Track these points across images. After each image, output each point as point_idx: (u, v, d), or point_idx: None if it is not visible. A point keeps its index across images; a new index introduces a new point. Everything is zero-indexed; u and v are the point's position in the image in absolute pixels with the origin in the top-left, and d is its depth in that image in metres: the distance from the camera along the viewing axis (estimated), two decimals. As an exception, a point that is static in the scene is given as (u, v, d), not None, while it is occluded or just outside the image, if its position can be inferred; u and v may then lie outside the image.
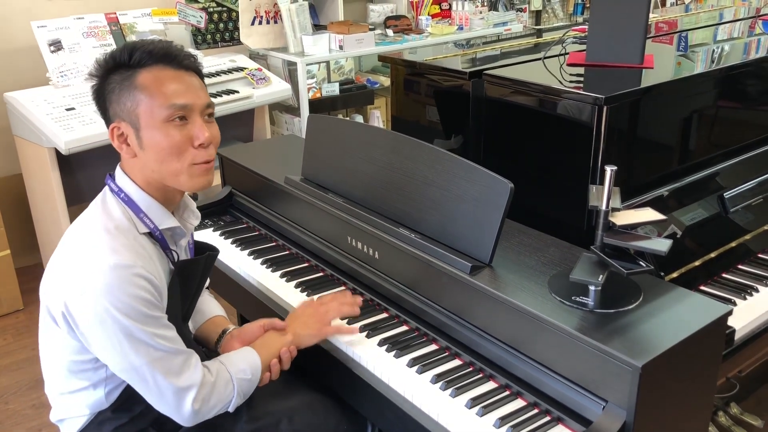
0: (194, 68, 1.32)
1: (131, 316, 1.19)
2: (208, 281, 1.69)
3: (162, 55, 1.27)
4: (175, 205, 1.39)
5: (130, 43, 1.29)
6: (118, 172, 1.33)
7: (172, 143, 1.26)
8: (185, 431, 1.40)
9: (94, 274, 1.19)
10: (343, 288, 1.67)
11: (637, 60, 1.80)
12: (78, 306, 1.21)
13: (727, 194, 1.83)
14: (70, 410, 1.36)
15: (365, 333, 1.49)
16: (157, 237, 1.32)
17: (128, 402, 1.35)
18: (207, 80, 3.34)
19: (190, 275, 1.40)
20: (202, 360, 1.35)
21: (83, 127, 2.87)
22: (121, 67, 1.26)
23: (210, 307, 1.64)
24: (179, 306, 1.37)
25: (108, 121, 1.30)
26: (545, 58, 1.99)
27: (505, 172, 1.36)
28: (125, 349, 1.21)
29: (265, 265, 1.83)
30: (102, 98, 1.29)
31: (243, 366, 1.36)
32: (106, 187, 1.33)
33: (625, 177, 1.69)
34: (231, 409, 1.36)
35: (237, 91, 3.39)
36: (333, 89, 4.03)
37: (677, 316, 1.21)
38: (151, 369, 1.23)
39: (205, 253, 1.46)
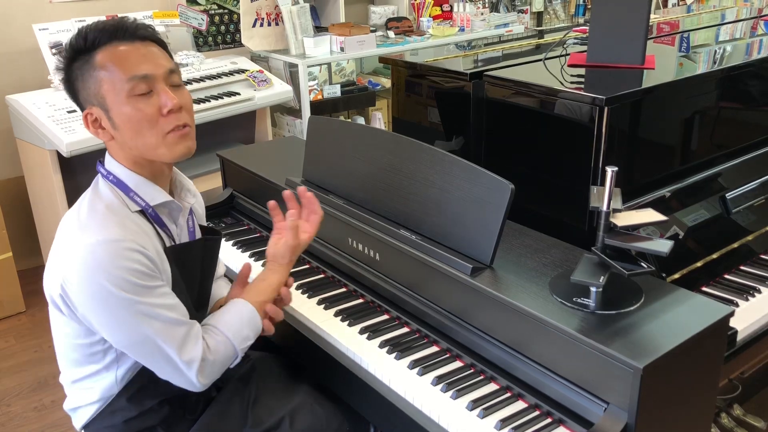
0: (151, 37, 1.30)
1: (126, 288, 1.20)
2: (223, 268, 1.68)
3: (114, 30, 1.26)
4: (165, 180, 1.38)
5: (83, 27, 1.28)
6: (106, 156, 1.35)
7: (142, 116, 1.26)
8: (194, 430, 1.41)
9: (84, 253, 1.20)
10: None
11: (638, 61, 1.79)
12: (73, 286, 1.22)
13: (729, 195, 1.82)
14: (82, 398, 1.37)
15: (366, 335, 1.48)
16: (150, 214, 1.33)
17: (139, 395, 1.36)
18: (208, 82, 3.35)
19: (186, 260, 1.39)
20: None
21: (85, 130, 2.82)
22: (80, 54, 1.26)
23: (221, 293, 1.61)
24: (186, 293, 1.37)
25: (81, 109, 1.32)
26: (546, 59, 1.98)
27: (506, 173, 1.36)
28: (126, 322, 1.22)
29: (266, 267, 1.82)
30: (71, 88, 1.30)
31: (238, 326, 1.36)
32: (99, 174, 1.35)
33: (626, 178, 1.69)
34: (237, 361, 1.38)
35: (238, 93, 3.39)
36: (334, 91, 4.03)
37: (679, 317, 1.21)
38: (154, 341, 1.24)
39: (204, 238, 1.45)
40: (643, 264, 1.23)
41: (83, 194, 1.34)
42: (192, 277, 1.41)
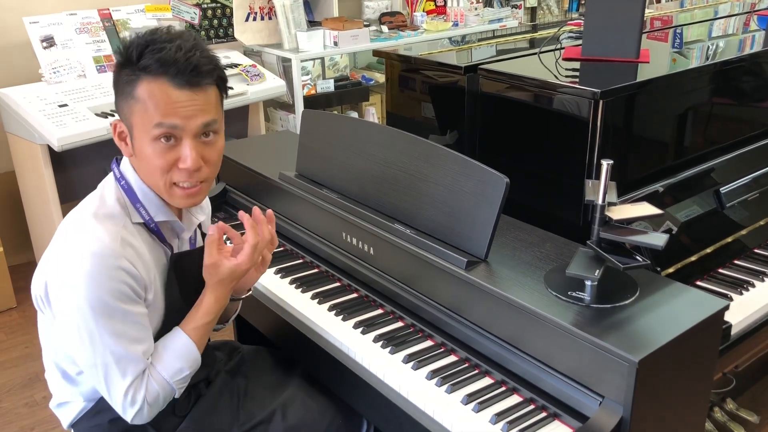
0: (206, 83, 1.23)
1: (100, 308, 1.18)
2: None
3: (168, 65, 1.18)
4: None
5: (145, 36, 1.21)
6: (124, 159, 1.32)
7: (160, 162, 1.23)
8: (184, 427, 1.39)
9: (73, 260, 1.19)
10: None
11: (632, 54, 1.79)
12: (54, 290, 1.22)
13: (723, 189, 1.82)
14: (68, 394, 1.36)
15: (360, 329, 1.48)
16: (153, 229, 1.31)
17: None
18: (201, 76, 3.33)
19: (186, 269, 1.37)
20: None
21: (76, 124, 2.85)
22: (129, 65, 1.21)
23: None
24: (180, 302, 1.35)
25: (117, 111, 1.28)
26: (541, 52, 1.98)
27: (501, 167, 1.35)
28: (86, 341, 1.20)
29: (259, 262, 1.81)
30: (114, 88, 1.26)
31: (178, 365, 1.29)
32: (111, 173, 1.32)
33: (620, 172, 1.69)
34: (176, 396, 1.32)
35: (231, 88, 3.34)
36: (328, 86, 4.02)
37: (674, 311, 1.21)
38: (106, 369, 1.21)
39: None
40: (638, 257, 1.23)
41: (92, 193, 1.31)
42: (189, 286, 1.38)
